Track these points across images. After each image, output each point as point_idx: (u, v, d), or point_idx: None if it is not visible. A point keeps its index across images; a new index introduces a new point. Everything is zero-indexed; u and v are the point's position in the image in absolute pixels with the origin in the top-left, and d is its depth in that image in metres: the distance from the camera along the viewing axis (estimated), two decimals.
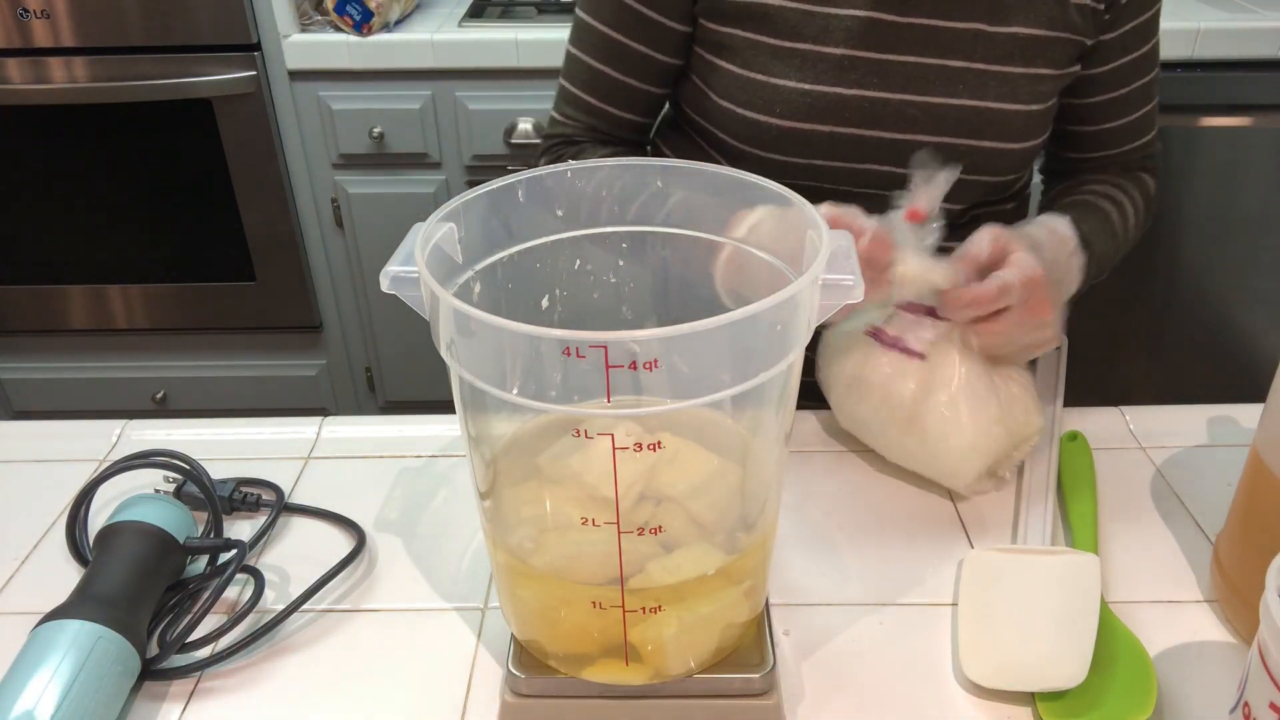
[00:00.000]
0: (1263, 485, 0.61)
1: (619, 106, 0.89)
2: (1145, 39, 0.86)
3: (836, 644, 0.62)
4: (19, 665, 0.54)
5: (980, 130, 0.82)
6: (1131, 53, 0.86)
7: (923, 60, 0.81)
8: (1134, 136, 0.91)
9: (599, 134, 0.92)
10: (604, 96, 0.89)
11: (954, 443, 0.71)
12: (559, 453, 0.56)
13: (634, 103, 0.90)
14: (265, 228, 1.84)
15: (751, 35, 0.82)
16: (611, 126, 0.91)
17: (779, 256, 0.55)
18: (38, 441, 0.83)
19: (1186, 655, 0.61)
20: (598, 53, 0.87)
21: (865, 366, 0.74)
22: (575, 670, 0.55)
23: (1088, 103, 0.89)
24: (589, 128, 0.91)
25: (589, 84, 0.89)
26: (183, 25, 1.66)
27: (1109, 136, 0.91)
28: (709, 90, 0.86)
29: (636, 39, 0.85)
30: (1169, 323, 1.87)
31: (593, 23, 0.86)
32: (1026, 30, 0.81)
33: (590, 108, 0.90)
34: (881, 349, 0.74)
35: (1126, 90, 0.88)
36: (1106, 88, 0.88)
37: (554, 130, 0.93)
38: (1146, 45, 0.87)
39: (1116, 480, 0.76)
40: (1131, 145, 0.92)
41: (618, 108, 0.89)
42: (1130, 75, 0.87)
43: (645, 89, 0.89)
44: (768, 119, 0.82)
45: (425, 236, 0.50)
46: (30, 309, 1.94)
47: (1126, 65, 0.86)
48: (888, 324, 0.74)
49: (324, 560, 0.68)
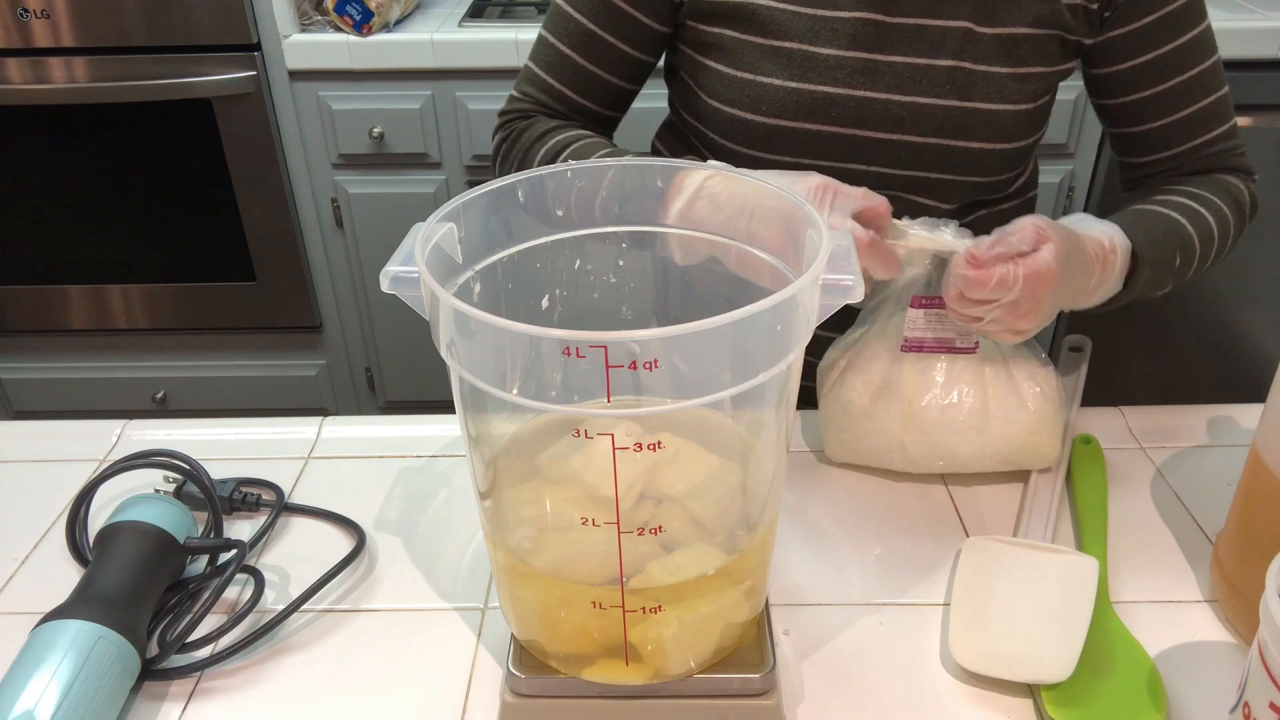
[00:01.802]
0: (1263, 485, 0.61)
1: (579, 93, 0.89)
2: (1176, 32, 0.82)
3: (836, 644, 0.62)
4: (19, 665, 0.54)
5: (969, 130, 0.82)
6: (1159, 47, 0.83)
7: (910, 60, 0.80)
8: (1193, 134, 0.86)
9: (555, 115, 0.90)
10: (567, 81, 0.88)
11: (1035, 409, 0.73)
12: (559, 453, 0.56)
13: (596, 92, 0.89)
14: (265, 228, 1.83)
15: (739, 35, 0.82)
16: (570, 111, 0.90)
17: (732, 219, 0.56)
18: (38, 441, 0.82)
19: (1186, 655, 0.61)
20: (569, 38, 0.87)
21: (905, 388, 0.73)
22: (575, 670, 0.55)
23: (1125, 102, 0.86)
24: (546, 107, 0.90)
25: (554, 67, 0.88)
26: (183, 25, 1.66)
27: (1163, 136, 0.87)
28: (698, 90, 0.86)
29: (610, 31, 0.85)
30: (1169, 323, 1.87)
31: (568, 9, 0.86)
32: (1014, 30, 0.80)
33: (550, 89, 0.89)
34: (918, 359, 0.73)
35: (1165, 87, 0.84)
36: (1139, 85, 0.85)
37: (510, 107, 0.92)
38: (1180, 39, 0.83)
39: (1116, 480, 0.76)
40: (1197, 142, 0.87)
41: (578, 93, 0.89)
42: (1167, 70, 0.84)
43: (610, 80, 0.88)
44: (754, 117, 0.82)
45: (425, 236, 0.50)
46: (30, 309, 1.94)
47: (1158, 60, 0.83)
48: (914, 333, 0.73)
49: (324, 560, 0.68)
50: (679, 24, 0.85)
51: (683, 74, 0.88)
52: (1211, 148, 0.87)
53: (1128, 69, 0.84)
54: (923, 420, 0.73)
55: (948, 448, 0.73)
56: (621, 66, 0.87)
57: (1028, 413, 0.73)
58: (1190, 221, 0.81)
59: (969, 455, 0.74)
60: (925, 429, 0.73)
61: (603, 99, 0.89)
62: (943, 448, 0.73)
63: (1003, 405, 0.73)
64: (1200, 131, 0.86)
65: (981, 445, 0.73)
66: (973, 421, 0.73)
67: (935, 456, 0.74)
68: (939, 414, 0.73)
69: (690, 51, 0.86)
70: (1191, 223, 0.81)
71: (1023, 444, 0.73)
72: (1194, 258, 0.82)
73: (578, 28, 0.86)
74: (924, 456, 0.74)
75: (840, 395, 0.75)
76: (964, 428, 0.73)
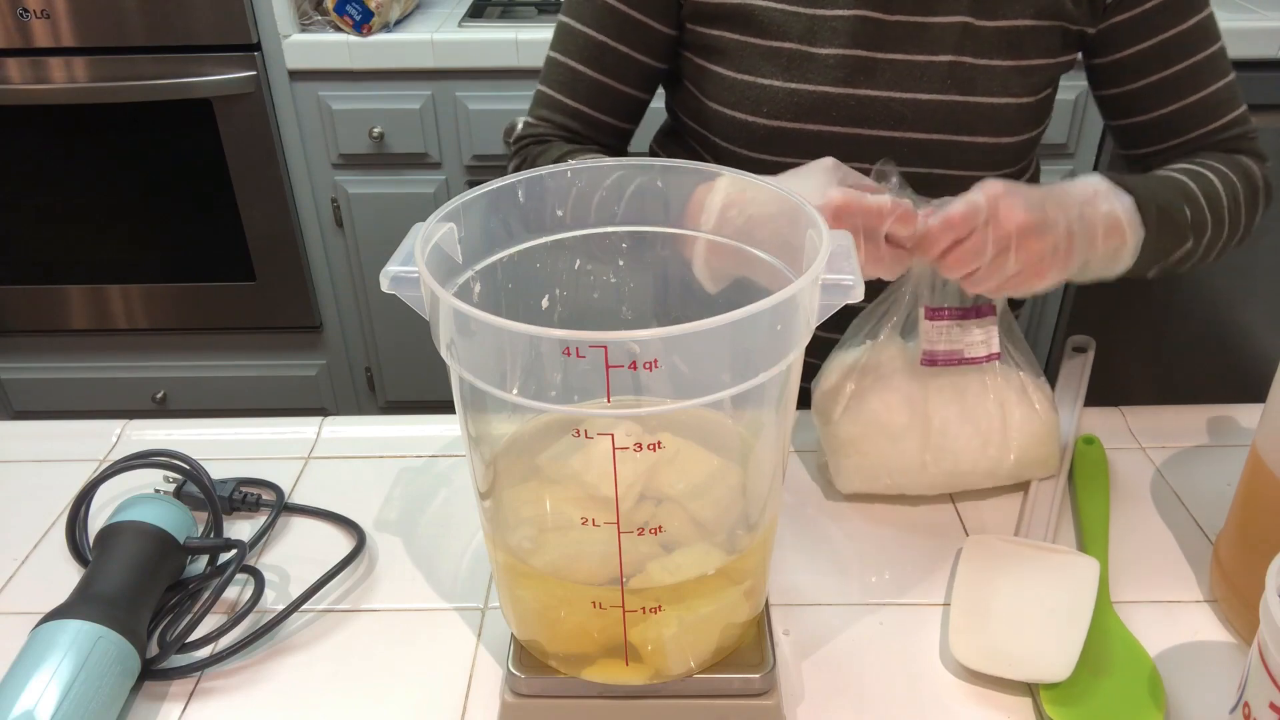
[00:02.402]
0: (1263, 485, 0.61)
1: (597, 108, 0.88)
2: (1179, 18, 0.82)
3: (836, 644, 0.62)
4: (19, 665, 0.54)
5: (971, 125, 0.82)
6: (1162, 32, 0.82)
7: (910, 57, 0.80)
8: (1204, 120, 0.85)
9: (573, 136, 0.90)
10: (583, 98, 0.88)
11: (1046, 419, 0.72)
12: (559, 453, 0.56)
13: (613, 105, 0.88)
14: (265, 227, 1.83)
15: (738, 37, 0.82)
16: (587, 129, 0.89)
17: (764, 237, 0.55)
18: (38, 441, 0.82)
19: (1186, 655, 0.61)
20: (579, 54, 0.86)
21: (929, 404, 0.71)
22: (575, 670, 0.55)
23: (1129, 90, 0.85)
24: (562, 128, 0.89)
25: (567, 85, 0.88)
26: (183, 25, 1.65)
27: (1174, 122, 0.86)
28: (699, 93, 0.86)
29: (619, 39, 0.85)
30: (1169, 323, 1.87)
31: (575, 25, 0.86)
32: (1015, 22, 0.80)
33: (565, 108, 0.88)
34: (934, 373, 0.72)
35: (1171, 71, 0.83)
36: (1143, 72, 0.84)
37: (525, 133, 0.91)
38: (1184, 24, 0.82)
39: (1117, 480, 0.76)
40: (1206, 129, 0.86)
41: (596, 109, 0.88)
42: (1172, 55, 0.83)
43: (625, 90, 0.88)
44: (755, 119, 0.82)
45: (425, 236, 0.50)
46: (30, 309, 1.94)
47: (1161, 46, 0.83)
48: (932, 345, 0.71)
49: (324, 560, 0.68)
50: (681, 27, 0.85)
51: (684, 78, 0.88)
52: (1221, 134, 0.86)
53: (1131, 55, 0.83)
54: (945, 437, 0.71)
55: (967, 464, 0.72)
56: (635, 75, 0.87)
57: (1041, 423, 0.72)
58: (1193, 179, 0.79)
59: (985, 471, 0.72)
60: (948, 446, 0.71)
61: (619, 111, 0.89)
62: (962, 464, 0.72)
63: (1018, 417, 0.72)
64: (1209, 119, 0.85)
65: (999, 459, 0.72)
66: (992, 436, 0.71)
67: (952, 476, 0.72)
68: (958, 429, 0.71)
69: (691, 55, 0.86)
70: (1194, 180, 0.79)
71: (1033, 456, 0.73)
72: (1204, 212, 0.78)
73: (588, 41, 0.86)
74: (941, 476, 0.72)
75: (862, 418, 0.72)
76: (984, 442, 0.71)
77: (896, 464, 0.72)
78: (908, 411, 0.71)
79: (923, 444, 0.71)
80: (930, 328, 0.71)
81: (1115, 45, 0.84)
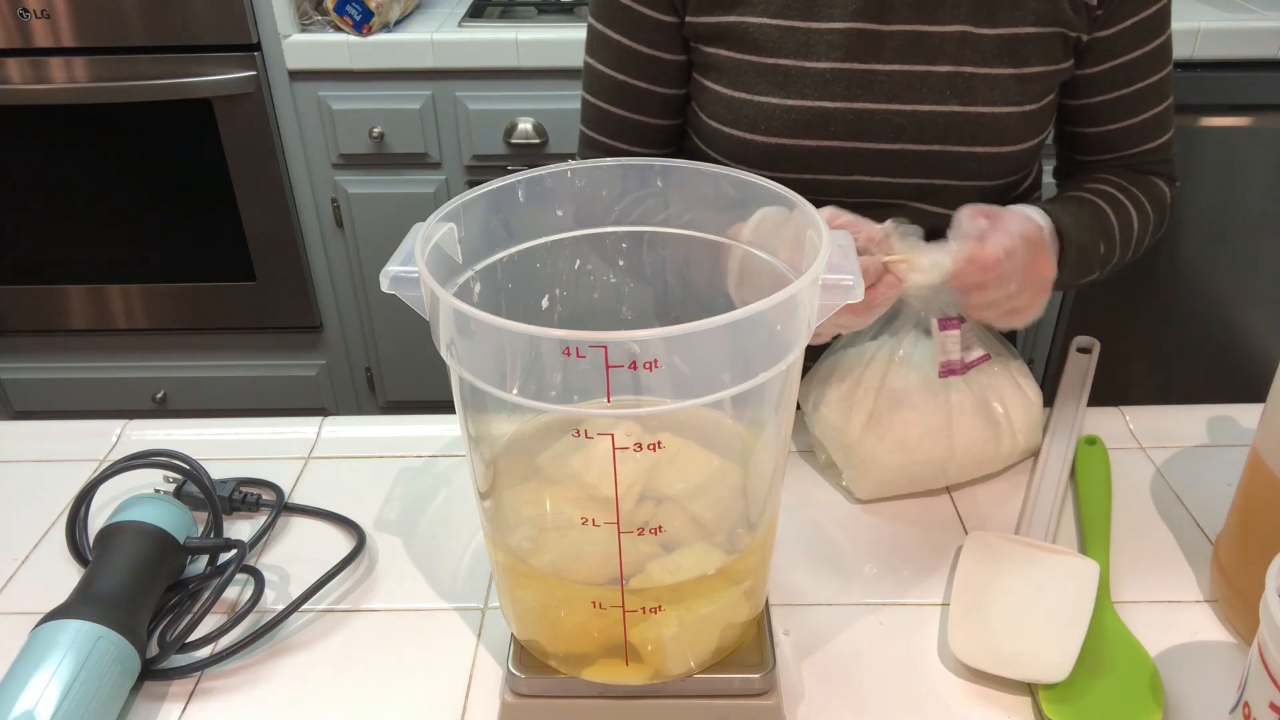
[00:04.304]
0: (1263, 485, 0.61)
1: (631, 141, 0.90)
2: (1150, 36, 0.83)
3: (836, 644, 0.62)
4: (19, 665, 0.54)
5: (972, 135, 0.81)
6: (1133, 51, 0.83)
7: (908, 68, 0.79)
8: (1145, 139, 0.88)
9: None
10: (614, 134, 0.90)
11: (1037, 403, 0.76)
12: (559, 453, 0.56)
13: (645, 137, 0.90)
14: (265, 228, 1.83)
15: (734, 55, 0.81)
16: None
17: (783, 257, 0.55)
18: (38, 441, 0.83)
19: (1186, 655, 0.61)
20: (604, 94, 0.89)
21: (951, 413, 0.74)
22: (575, 670, 0.55)
23: (1090, 103, 0.86)
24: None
25: (599, 124, 0.90)
26: (182, 25, 1.66)
27: (1118, 138, 0.88)
28: (700, 111, 0.86)
29: (638, 77, 0.86)
30: (1169, 323, 1.87)
31: (596, 65, 0.88)
32: (1016, 30, 0.79)
33: (602, 145, 0.91)
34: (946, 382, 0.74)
35: (1132, 90, 0.85)
36: (1108, 87, 0.85)
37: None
38: (1152, 43, 0.84)
39: (1117, 480, 0.76)
40: (1142, 148, 0.89)
41: (630, 143, 0.90)
42: (1136, 74, 0.84)
43: (654, 123, 0.89)
44: (754, 136, 0.82)
45: (425, 236, 0.50)
46: (30, 309, 1.94)
47: (1129, 64, 0.84)
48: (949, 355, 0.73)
49: (324, 560, 0.68)
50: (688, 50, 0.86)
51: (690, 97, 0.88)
52: (1150, 156, 0.90)
53: (1103, 70, 0.85)
54: (965, 441, 0.73)
55: (979, 458, 0.75)
56: (658, 107, 0.88)
57: (1034, 407, 0.76)
58: (1115, 212, 0.84)
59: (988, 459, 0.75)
60: (969, 447, 0.73)
61: (653, 140, 0.91)
62: (975, 460, 0.75)
63: (1016, 407, 0.75)
64: (1153, 136, 0.89)
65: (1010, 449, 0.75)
66: (1001, 430, 0.74)
67: (962, 469, 0.75)
68: (977, 432, 0.74)
69: (694, 74, 0.86)
70: (1116, 213, 0.84)
71: (1030, 441, 0.76)
72: (1115, 248, 0.84)
73: (610, 82, 0.87)
74: (955, 473, 0.75)
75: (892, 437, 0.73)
76: (995, 437, 0.74)
77: (920, 475, 0.74)
78: (931, 426, 0.73)
79: (947, 454, 0.73)
80: (945, 338, 0.72)
81: (1091, 60, 0.84)
